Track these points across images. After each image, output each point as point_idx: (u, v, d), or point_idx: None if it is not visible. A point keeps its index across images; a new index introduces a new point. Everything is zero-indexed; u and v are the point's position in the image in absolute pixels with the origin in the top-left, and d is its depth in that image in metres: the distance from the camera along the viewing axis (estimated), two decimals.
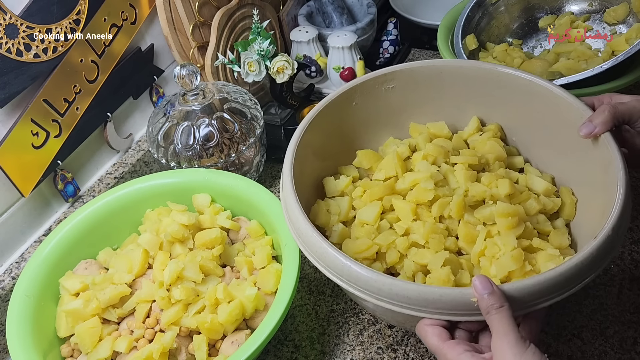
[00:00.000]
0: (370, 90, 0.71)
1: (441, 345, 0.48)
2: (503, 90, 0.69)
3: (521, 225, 0.60)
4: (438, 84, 0.71)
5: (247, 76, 0.84)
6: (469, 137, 0.73)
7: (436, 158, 0.68)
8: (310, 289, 0.73)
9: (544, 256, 0.58)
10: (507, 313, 0.46)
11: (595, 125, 0.58)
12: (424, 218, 0.63)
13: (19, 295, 0.62)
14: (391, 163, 0.68)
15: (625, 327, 0.65)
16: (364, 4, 1.09)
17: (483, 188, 0.64)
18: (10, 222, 0.77)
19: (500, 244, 0.58)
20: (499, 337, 0.46)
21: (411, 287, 0.48)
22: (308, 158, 0.66)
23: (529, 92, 0.66)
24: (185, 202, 0.73)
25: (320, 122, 0.67)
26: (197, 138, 0.78)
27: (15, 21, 0.69)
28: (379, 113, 0.73)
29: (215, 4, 0.92)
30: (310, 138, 0.65)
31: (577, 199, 0.65)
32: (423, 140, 0.72)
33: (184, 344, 0.61)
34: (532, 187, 0.67)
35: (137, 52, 0.90)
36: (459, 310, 0.48)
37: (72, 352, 0.63)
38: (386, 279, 0.49)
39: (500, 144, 0.70)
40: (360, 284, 0.50)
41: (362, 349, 0.66)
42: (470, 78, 0.70)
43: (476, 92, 0.71)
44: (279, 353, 0.66)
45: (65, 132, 0.79)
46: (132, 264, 0.66)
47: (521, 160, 0.71)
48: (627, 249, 0.72)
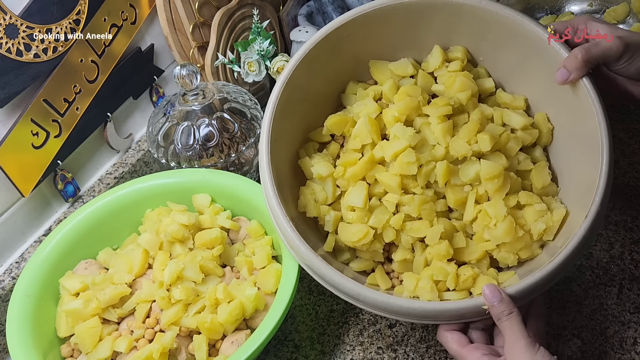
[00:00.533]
0: (327, 47, 0.67)
1: (461, 350, 0.54)
2: (467, 20, 0.66)
3: (507, 181, 0.61)
4: (394, 22, 0.68)
5: (247, 76, 0.84)
6: (436, 71, 0.69)
7: (408, 114, 0.65)
8: (310, 289, 0.73)
9: (533, 213, 0.60)
10: (516, 319, 0.51)
11: (570, 72, 0.57)
12: (410, 188, 0.63)
13: (19, 295, 0.62)
14: (365, 130, 0.65)
15: (625, 327, 0.65)
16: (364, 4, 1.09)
17: (464, 146, 0.62)
18: (10, 222, 0.77)
19: (492, 214, 0.60)
20: (511, 343, 0.50)
21: (429, 306, 0.54)
22: (284, 137, 0.65)
23: (496, 23, 0.64)
24: (185, 202, 0.73)
25: (288, 98, 0.65)
26: (197, 138, 0.78)
27: (15, 21, 0.69)
28: (339, 67, 0.70)
29: (215, 4, 0.92)
30: (282, 119, 0.64)
31: (554, 127, 0.66)
32: (389, 89, 0.68)
33: (184, 344, 0.61)
34: (508, 122, 0.66)
35: (137, 52, 0.89)
36: (472, 316, 0.54)
37: (72, 352, 0.63)
38: (404, 302, 0.55)
39: (470, 77, 0.67)
40: (379, 306, 0.56)
41: (362, 349, 0.66)
42: (428, 9, 0.66)
43: (437, 22, 0.68)
44: (279, 353, 0.66)
45: (65, 132, 0.79)
46: (132, 264, 0.66)
47: (492, 85, 0.69)
48: (627, 249, 0.72)
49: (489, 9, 0.64)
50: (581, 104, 0.59)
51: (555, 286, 0.69)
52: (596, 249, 0.73)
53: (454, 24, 0.67)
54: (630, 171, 0.82)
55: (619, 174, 0.82)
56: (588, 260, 0.72)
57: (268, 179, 0.61)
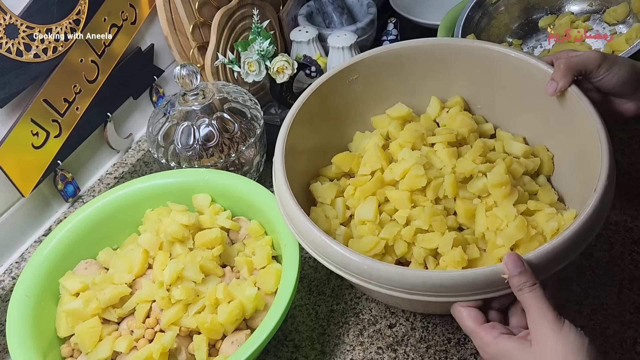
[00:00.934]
0: (337, 85, 0.71)
1: (477, 328, 0.50)
2: (463, 62, 0.70)
3: (514, 191, 0.62)
4: (398, 68, 0.71)
5: (247, 76, 0.84)
6: (437, 117, 0.74)
7: (414, 143, 0.69)
8: (310, 289, 0.73)
9: (543, 216, 0.61)
10: (540, 292, 0.48)
11: (557, 81, 0.60)
12: (420, 203, 0.64)
13: (19, 295, 0.62)
14: (374, 156, 0.68)
15: (625, 327, 0.65)
16: (364, 4, 1.09)
17: (470, 165, 0.65)
18: (10, 222, 0.77)
19: (502, 216, 0.60)
20: (536, 316, 0.47)
21: (444, 275, 0.50)
22: (294, 159, 0.66)
23: (490, 60, 0.68)
24: (185, 202, 0.73)
25: (300, 124, 0.67)
26: (197, 138, 0.78)
27: (15, 21, 0.69)
28: (346, 107, 0.74)
29: (215, 4, 0.92)
30: (294, 139, 0.66)
31: (553, 154, 0.68)
32: (395, 128, 0.72)
33: (184, 344, 0.61)
34: (510, 151, 0.69)
35: (137, 52, 0.90)
36: (492, 287, 0.50)
37: (72, 352, 0.63)
38: (419, 273, 0.51)
39: (469, 116, 0.72)
40: (392, 283, 0.51)
41: (362, 349, 0.66)
42: (428, 55, 0.71)
43: (435, 69, 0.72)
44: (279, 353, 0.66)
45: (65, 132, 0.79)
46: (132, 264, 0.66)
47: (491, 127, 0.73)
48: (627, 249, 0.72)
49: (477, 46, 0.68)
50: (578, 124, 0.60)
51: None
52: (596, 249, 0.73)
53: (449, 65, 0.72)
54: (630, 171, 0.82)
55: (619, 173, 0.82)
56: (588, 260, 0.72)
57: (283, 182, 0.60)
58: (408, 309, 0.68)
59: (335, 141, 0.76)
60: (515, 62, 0.66)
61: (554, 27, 0.96)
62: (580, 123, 0.60)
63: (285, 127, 0.65)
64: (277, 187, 0.61)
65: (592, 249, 0.73)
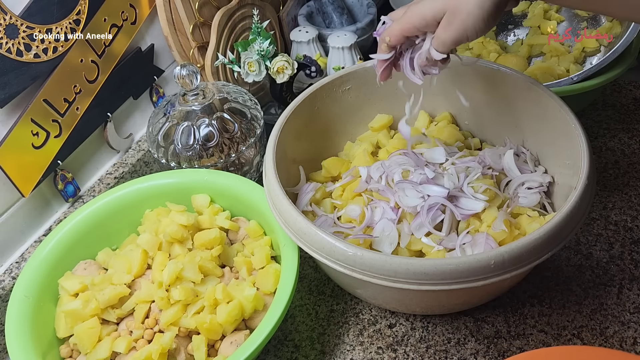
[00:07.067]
0: (329, 94, 0.74)
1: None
2: (450, 77, 0.72)
3: (498, 196, 0.65)
4: (389, 81, 0.71)
5: (247, 76, 0.84)
6: (426, 130, 0.77)
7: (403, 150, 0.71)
8: (310, 289, 0.73)
9: (526, 219, 0.63)
10: None
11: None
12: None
13: (18, 295, 0.62)
14: (363, 159, 0.71)
15: (625, 327, 0.65)
16: (364, 4, 1.09)
17: None
18: (10, 222, 0.77)
19: (484, 219, 0.63)
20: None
21: (428, 262, 0.51)
22: (286, 162, 0.69)
23: (476, 74, 0.71)
24: (185, 203, 0.73)
25: (290, 128, 0.69)
26: (197, 138, 0.78)
27: (15, 21, 0.69)
28: (337, 117, 0.77)
29: (215, 4, 0.92)
30: (284, 143, 0.68)
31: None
32: (384, 136, 0.76)
33: (183, 345, 0.61)
34: None
35: (137, 52, 0.90)
36: (475, 276, 0.51)
37: (71, 353, 0.63)
38: (402, 260, 0.52)
39: (457, 129, 0.76)
40: (375, 270, 0.52)
41: (362, 349, 0.66)
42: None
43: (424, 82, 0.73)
44: (279, 353, 0.66)
45: (65, 132, 0.79)
46: (131, 265, 0.66)
47: (477, 142, 0.77)
48: (627, 249, 0.72)
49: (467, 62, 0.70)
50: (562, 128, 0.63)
51: (555, 286, 0.69)
52: (596, 249, 0.73)
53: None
54: (630, 171, 0.82)
55: (619, 173, 0.82)
56: (588, 260, 0.72)
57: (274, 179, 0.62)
58: (405, 312, 0.68)
59: (326, 150, 0.78)
60: (501, 76, 0.69)
61: (528, 19, 0.99)
62: (564, 134, 0.63)
63: (278, 127, 0.67)
64: (266, 167, 0.63)
65: (592, 249, 0.73)
